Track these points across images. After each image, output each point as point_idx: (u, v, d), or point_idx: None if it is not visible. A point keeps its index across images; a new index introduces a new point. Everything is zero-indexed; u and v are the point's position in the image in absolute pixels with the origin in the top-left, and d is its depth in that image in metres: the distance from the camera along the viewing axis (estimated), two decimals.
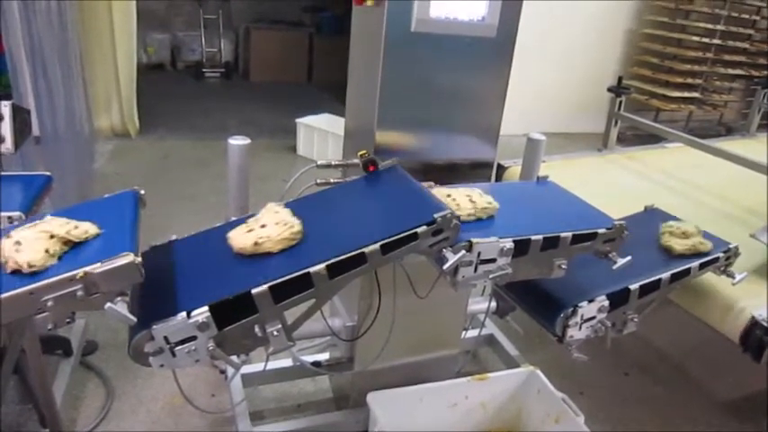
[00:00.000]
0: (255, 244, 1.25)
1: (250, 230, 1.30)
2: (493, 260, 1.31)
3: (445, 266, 1.25)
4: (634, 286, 1.57)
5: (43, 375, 1.70)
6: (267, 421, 2.01)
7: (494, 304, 2.00)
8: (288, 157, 4.73)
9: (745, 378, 2.47)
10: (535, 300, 1.61)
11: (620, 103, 3.29)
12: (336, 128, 4.38)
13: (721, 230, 1.90)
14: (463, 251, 1.26)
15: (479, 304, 2.06)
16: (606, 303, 1.51)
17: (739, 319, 1.77)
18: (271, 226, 1.30)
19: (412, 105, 1.62)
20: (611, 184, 2.85)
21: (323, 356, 2.06)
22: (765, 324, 1.71)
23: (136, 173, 4.10)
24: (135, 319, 1.02)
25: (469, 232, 1.31)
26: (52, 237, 1.10)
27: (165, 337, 1.08)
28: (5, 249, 1.07)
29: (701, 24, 5.64)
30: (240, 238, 1.29)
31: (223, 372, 2.15)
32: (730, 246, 1.78)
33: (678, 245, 1.73)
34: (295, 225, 1.30)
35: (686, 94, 5.85)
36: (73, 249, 1.12)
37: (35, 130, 2.66)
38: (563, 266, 1.42)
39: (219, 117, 5.68)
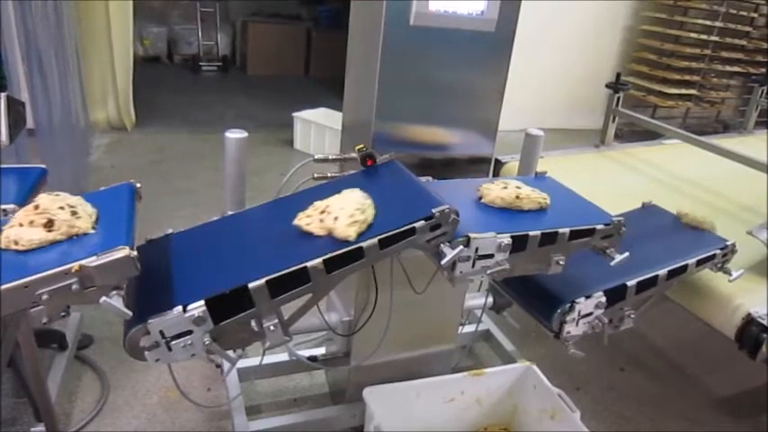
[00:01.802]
0: (517, 197, 1.42)
1: (505, 187, 1.45)
2: (491, 256, 1.31)
3: (443, 262, 1.24)
4: (631, 282, 1.57)
5: (38, 369, 1.69)
6: (263, 415, 2.01)
7: (490, 300, 2.00)
8: (285, 151, 4.72)
9: (741, 375, 2.48)
10: (532, 295, 1.61)
11: (618, 99, 3.28)
12: (333, 122, 4.37)
13: (718, 227, 1.90)
14: (461, 246, 1.25)
15: (476, 300, 2.06)
16: (603, 299, 1.51)
17: (736, 316, 1.77)
18: (527, 189, 1.45)
19: (410, 100, 1.61)
20: (609, 181, 2.84)
21: (319, 351, 2.06)
22: (762, 321, 1.71)
23: (132, 166, 4.09)
24: (130, 313, 1.01)
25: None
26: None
27: (161, 332, 1.07)
28: None
29: (699, 21, 5.64)
30: (500, 192, 1.44)
31: (219, 366, 2.15)
32: (727, 243, 1.78)
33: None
34: (548, 198, 1.45)
35: (684, 91, 5.85)
36: (67, 242, 1.11)
37: (30, 123, 2.64)
38: (561, 262, 1.42)
39: (216, 110, 5.66)
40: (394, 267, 1.62)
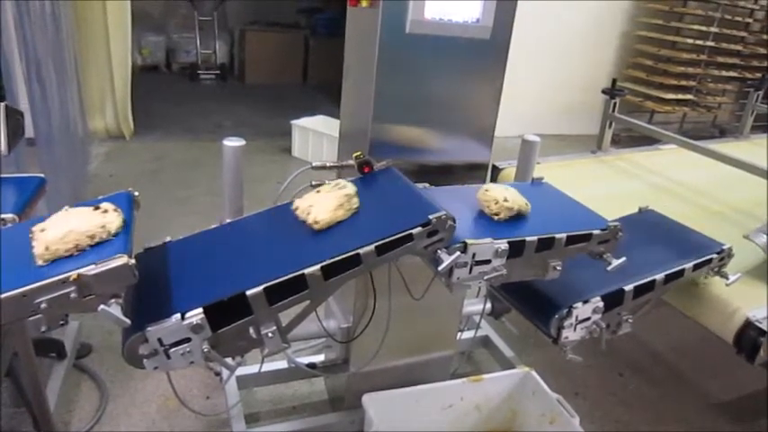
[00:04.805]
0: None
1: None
2: (488, 261, 1.31)
3: (440, 268, 1.25)
4: (628, 287, 1.57)
5: (36, 378, 1.69)
6: (262, 423, 2.00)
7: (489, 305, 2.01)
8: (283, 158, 4.73)
9: (739, 379, 2.48)
10: (530, 301, 1.61)
11: (615, 104, 3.30)
12: (331, 129, 4.38)
13: (715, 231, 1.91)
14: (458, 252, 1.26)
15: (474, 305, 2.07)
16: (601, 304, 1.51)
17: (733, 321, 1.78)
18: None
19: (407, 107, 1.62)
20: (606, 186, 2.85)
21: (318, 358, 2.06)
22: (759, 325, 1.71)
23: (130, 174, 4.09)
24: (129, 322, 1.02)
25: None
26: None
27: (159, 339, 1.07)
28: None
29: (695, 27, 5.68)
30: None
31: (218, 374, 2.15)
32: (724, 247, 1.79)
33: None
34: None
35: (680, 96, 5.88)
36: None
37: (29, 132, 2.64)
38: (558, 267, 1.42)
39: (214, 119, 5.67)
40: (392, 273, 1.62)
